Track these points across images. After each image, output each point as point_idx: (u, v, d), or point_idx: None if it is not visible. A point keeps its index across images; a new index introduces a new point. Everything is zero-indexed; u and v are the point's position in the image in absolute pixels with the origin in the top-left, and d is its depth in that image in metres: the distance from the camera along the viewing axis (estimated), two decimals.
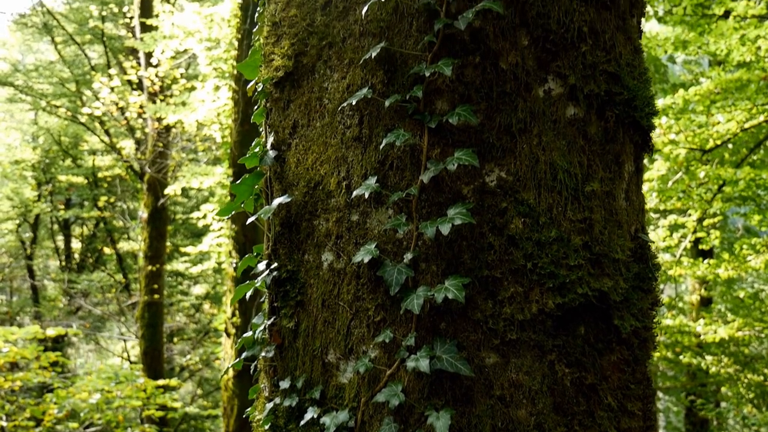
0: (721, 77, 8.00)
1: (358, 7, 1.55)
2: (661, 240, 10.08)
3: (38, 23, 18.44)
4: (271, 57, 1.70)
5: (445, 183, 1.46)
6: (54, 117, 18.77)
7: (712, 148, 8.42)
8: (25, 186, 20.57)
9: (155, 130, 12.68)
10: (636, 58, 1.63)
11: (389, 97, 1.47)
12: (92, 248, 20.48)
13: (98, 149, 18.49)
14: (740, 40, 7.49)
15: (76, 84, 17.25)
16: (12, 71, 18.92)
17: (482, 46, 1.48)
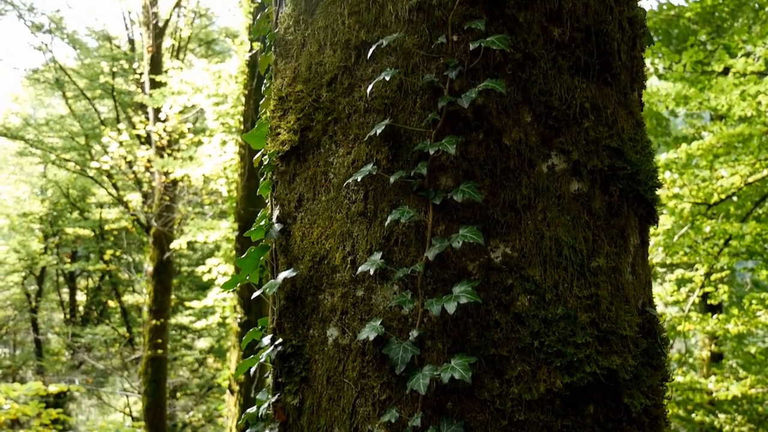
0: (723, 132, 8.06)
1: (363, 85, 1.57)
2: (668, 294, 10.00)
3: (50, 79, 18.81)
4: (277, 131, 1.72)
5: (450, 259, 1.46)
6: (63, 170, 18.97)
7: (716, 203, 8.42)
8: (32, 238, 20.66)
9: (162, 184, 12.78)
10: (638, 132, 1.64)
11: (394, 174, 1.48)
12: (97, 301, 20.43)
13: (105, 202, 18.63)
14: (741, 96, 7.56)
15: (86, 138, 17.50)
16: (23, 125, 19.22)
17: (485, 123, 1.49)
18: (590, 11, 1.58)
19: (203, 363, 18.84)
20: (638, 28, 1.68)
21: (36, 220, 20.29)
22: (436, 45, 1.51)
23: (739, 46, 7.14)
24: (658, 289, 10.95)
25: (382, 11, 1.57)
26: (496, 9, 1.52)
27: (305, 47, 1.69)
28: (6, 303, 21.98)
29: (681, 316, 9.63)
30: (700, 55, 6.96)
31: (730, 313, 9.31)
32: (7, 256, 20.30)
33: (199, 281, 17.57)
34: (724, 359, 11.80)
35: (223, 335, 17.23)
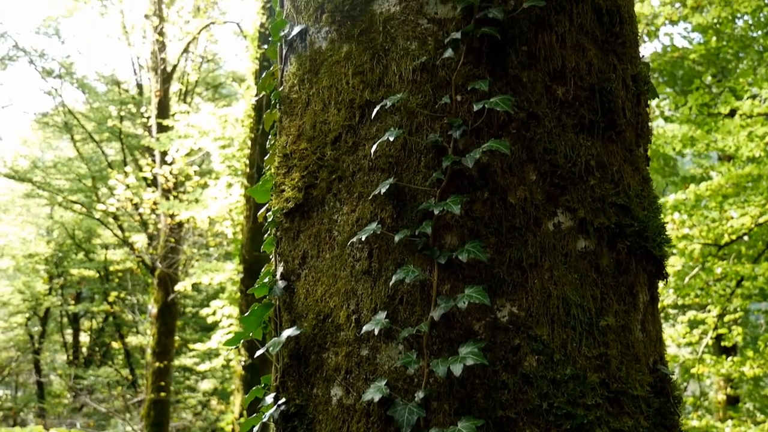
0: (732, 172, 8.05)
1: (368, 143, 1.58)
2: (681, 336, 9.87)
3: (59, 122, 19.03)
4: (281, 187, 1.72)
5: (456, 318, 1.44)
6: (69, 212, 19.06)
7: (727, 243, 8.37)
8: (37, 279, 20.66)
9: (168, 226, 12.82)
10: (645, 188, 1.63)
11: (399, 232, 1.48)
12: (100, 342, 20.31)
13: (111, 243, 18.67)
14: (748, 137, 7.58)
15: (93, 180, 17.62)
16: (31, 168, 19.39)
17: (490, 181, 1.49)
18: (593, 70, 1.59)
19: (207, 405, 18.62)
20: (642, 85, 1.69)
21: (41, 261, 20.33)
22: (440, 105, 1.52)
23: (744, 89, 7.18)
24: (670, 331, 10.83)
25: (386, 71, 1.59)
26: (499, 69, 1.53)
27: (310, 106, 1.70)
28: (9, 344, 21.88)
29: (695, 359, 9.49)
30: (706, 98, 7.00)
31: (745, 355, 9.17)
32: (11, 297, 20.28)
33: (203, 322, 17.49)
34: (740, 402, 11.59)
35: (227, 377, 17.07)
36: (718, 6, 8.30)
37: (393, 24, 1.60)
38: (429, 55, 1.56)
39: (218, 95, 18.61)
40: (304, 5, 1.78)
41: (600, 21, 1.63)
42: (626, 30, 1.68)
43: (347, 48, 1.65)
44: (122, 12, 16.77)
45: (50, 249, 20.31)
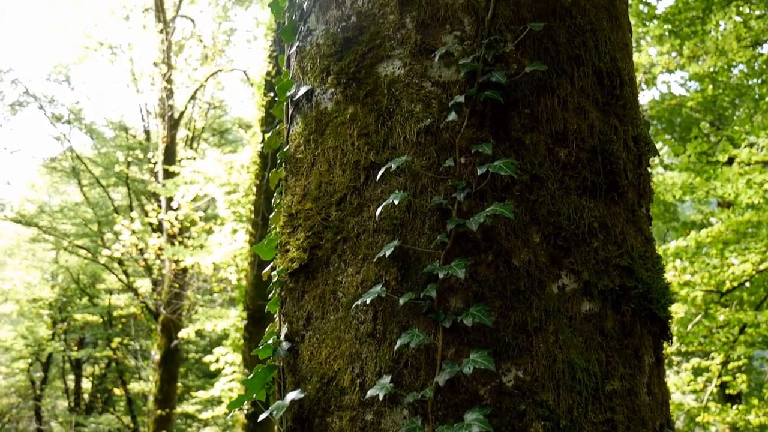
0: (732, 219, 8.07)
1: (372, 205, 1.59)
2: (685, 384, 9.75)
3: (67, 167, 19.21)
4: (286, 247, 1.73)
5: (461, 383, 1.43)
6: (75, 256, 19.09)
7: (729, 290, 8.33)
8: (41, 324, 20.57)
9: (172, 271, 12.82)
10: (648, 249, 1.64)
11: (403, 296, 1.48)
12: (102, 389, 20.10)
13: (115, 288, 18.63)
14: (747, 184, 7.62)
15: (99, 225, 17.69)
16: (38, 212, 19.50)
17: (494, 244, 1.50)
18: (595, 132, 1.61)
19: None
20: (643, 146, 1.71)
21: (45, 305, 20.27)
22: (444, 167, 1.54)
23: (742, 137, 7.25)
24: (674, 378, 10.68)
25: (390, 133, 1.61)
26: (502, 132, 1.55)
27: (315, 166, 1.72)
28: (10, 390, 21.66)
29: (700, 407, 9.36)
30: (704, 147, 7.07)
31: (750, 402, 9.03)
32: (14, 343, 20.16)
33: (206, 369, 17.32)
34: None
35: (229, 425, 16.81)
36: (714, 56, 8.43)
37: (398, 87, 1.63)
38: (433, 117, 1.58)
39: (224, 141, 18.81)
40: (310, 66, 1.82)
41: (601, 84, 1.66)
42: (626, 92, 1.71)
43: (352, 109, 1.68)
44: (131, 60, 17.10)
45: (54, 294, 20.28)
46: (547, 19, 1.63)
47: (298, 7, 1.90)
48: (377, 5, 1.69)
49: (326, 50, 1.76)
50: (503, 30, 1.61)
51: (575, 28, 1.66)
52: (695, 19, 9.24)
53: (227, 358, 10.84)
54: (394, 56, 1.65)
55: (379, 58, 1.66)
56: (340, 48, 1.73)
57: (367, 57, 1.68)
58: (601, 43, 1.68)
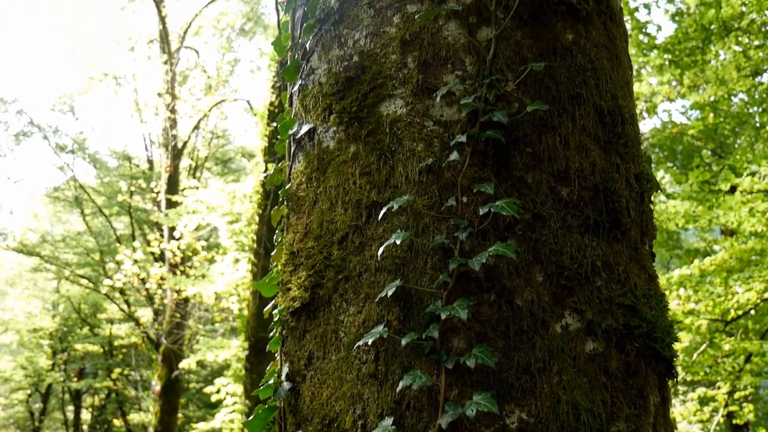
0: (735, 247, 8.05)
1: (374, 244, 1.58)
2: (692, 414, 9.64)
3: (70, 197, 19.26)
4: (288, 285, 1.73)
5: (465, 425, 1.41)
6: (76, 286, 19.06)
7: (733, 319, 8.28)
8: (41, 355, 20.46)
9: (174, 301, 12.78)
10: (651, 287, 1.63)
11: (405, 336, 1.47)
12: (102, 420, 19.90)
13: (116, 318, 18.56)
14: (750, 213, 7.62)
15: (101, 254, 17.69)
16: (40, 242, 19.51)
17: (497, 283, 1.49)
18: (597, 170, 1.61)
19: None
20: (645, 183, 1.71)
21: (46, 335, 20.19)
22: (446, 207, 1.54)
23: (744, 166, 7.26)
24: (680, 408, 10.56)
25: (392, 172, 1.61)
26: (504, 171, 1.56)
27: (317, 204, 1.72)
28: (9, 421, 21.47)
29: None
30: (706, 175, 7.09)
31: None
32: (13, 373, 20.04)
33: (207, 399, 17.17)
34: None
35: None
36: (714, 85, 8.48)
37: (399, 126, 1.64)
38: (435, 156, 1.58)
39: (227, 170, 18.89)
40: (313, 105, 1.83)
41: (602, 122, 1.67)
42: (628, 130, 1.71)
43: (354, 148, 1.68)
44: (136, 90, 17.25)
45: (55, 323, 20.21)
46: (547, 59, 1.65)
47: (300, 47, 1.92)
48: (379, 45, 1.71)
49: (328, 89, 1.77)
50: (504, 69, 1.62)
51: (576, 67, 1.67)
52: (695, 49, 9.32)
53: (228, 388, 10.75)
54: (396, 95, 1.66)
55: (381, 97, 1.67)
56: (342, 87, 1.74)
57: (369, 96, 1.69)
58: (601, 81, 1.69)
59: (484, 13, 1.66)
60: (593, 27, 1.74)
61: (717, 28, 9.09)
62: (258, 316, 9.34)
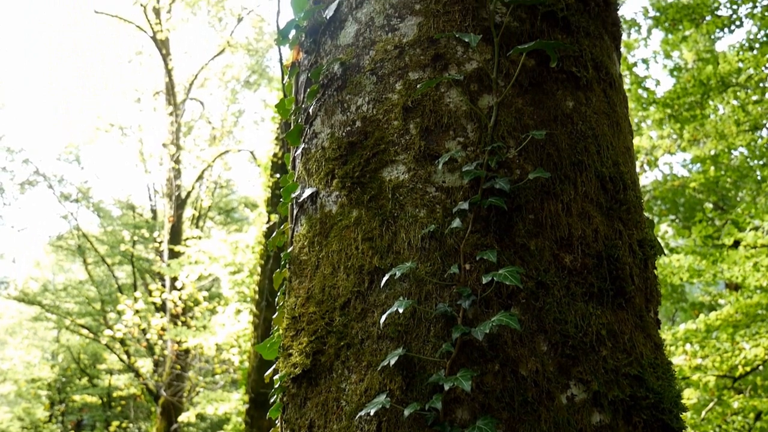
0: (741, 302, 7.99)
1: (377, 310, 1.57)
2: None
3: (72, 246, 19.28)
4: (289, 351, 1.71)
5: None
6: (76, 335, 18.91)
7: (741, 375, 8.15)
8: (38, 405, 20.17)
9: (174, 352, 12.65)
10: (658, 356, 1.60)
11: (408, 406, 1.44)
12: None
13: (116, 369, 18.35)
14: (754, 267, 7.58)
15: (102, 303, 17.62)
16: (42, 291, 19.45)
17: (501, 353, 1.47)
18: (600, 236, 1.61)
19: None
20: (649, 249, 1.70)
21: (44, 386, 19.94)
22: (448, 274, 1.53)
23: (746, 221, 7.26)
24: None
25: (395, 238, 1.61)
26: (507, 238, 1.55)
27: (319, 269, 1.71)
28: None
29: None
30: (709, 230, 7.08)
31: None
32: (10, 425, 19.71)
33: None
34: None
35: None
36: (714, 139, 8.56)
37: (402, 191, 1.64)
38: (437, 223, 1.58)
39: (230, 219, 18.94)
40: (315, 169, 1.84)
41: (604, 188, 1.67)
42: (630, 196, 1.72)
43: (357, 213, 1.69)
44: (141, 140, 17.44)
45: (54, 374, 19.99)
46: (548, 126, 1.66)
47: (304, 111, 1.94)
48: (381, 111, 1.73)
49: (331, 153, 1.78)
50: (506, 136, 1.63)
51: (577, 134, 1.68)
52: (694, 104, 9.43)
53: None
54: (399, 161, 1.67)
55: (384, 162, 1.68)
56: (345, 152, 1.75)
57: (371, 161, 1.70)
58: (603, 148, 1.70)
59: (485, 81, 1.68)
60: (593, 94, 1.76)
61: (715, 83, 9.22)
62: (259, 369, 9.23)
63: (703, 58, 10.20)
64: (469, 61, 1.70)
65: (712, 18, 9.18)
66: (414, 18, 1.77)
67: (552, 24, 1.77)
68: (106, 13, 16.17)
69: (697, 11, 9.17)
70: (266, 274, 9.66)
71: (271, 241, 2.00)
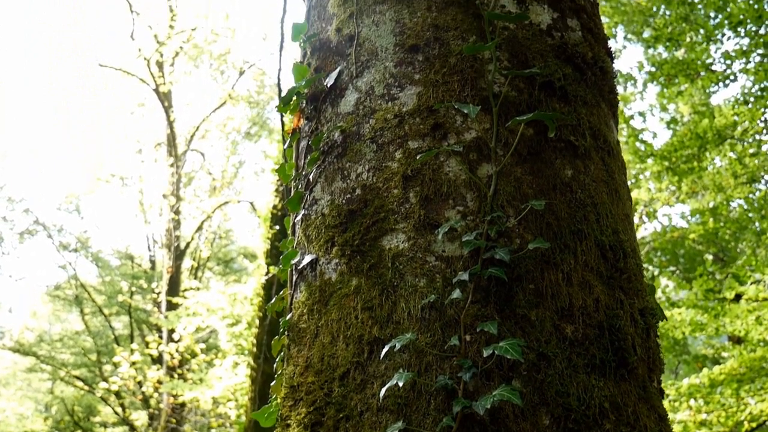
0: (744, 356, 7.91)
1: (376, 381, 1.55)
2: None
3: (70, 296, 19.17)
4: (287, 421, 1.68)
5: None
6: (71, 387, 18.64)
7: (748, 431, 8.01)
8: None
9: (170, 405, 12.45)
10: (662, 427, 1.58)
11: None
12: None
13: (110, 422, 18.03)
14: (756, 321, 7.53)
15: (98, 355, 17.42)
16: (37, 341, 19.25)
17: (503, 427, 1.44)
18: (601, 306, 1.60)
19: None
20: (650, 318, 1.69)
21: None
22: (449, 346, 1.51)
23: (747, 275, 7.25)
24: None
25: (395, 308, 1.60)
26: (507, 309, 1.54)
27: (318, 337, 1.70)
28: None
29: None
30: (710, 284, 7.06)
31: None
32: None
33: None
34: None
35: None
36: (712, 192, 8.61)
37: (402, 260, 1.64)
38: (437, 293, 1.57)
39: (229, 270, 18.88)
40: (315, 235, 1.84)
41: (604, 257, 1.67)
42: (630, 264, 1.71)
43: (356, 282, 1.68)
44: (141, 191, 17.52)
45: (47, 426, 19.61)
46: (548, 195, 1.67)
47: (304, 177, 1.96)
48: (381, 179, 1.74)
49: (331, 221, 1.79)
50: (505, 206, 1.64)
51: (576, 203, 1.69)
52: (691, 157, 9.51)
53: None
54: (398, 230, 1.67)
55: (384, 231, 1.68)
56: (344, 219, 1.76)
57: (371, 230, 1.70)
58: (602, 216, 1.71)
59: (484, 150, 1.70)
60: (592, 162, 1.78)
61: (711, 136, 9.32)
62: (256, 423, 9.06)
63: (698, 112, 10.34)
64: (468, 131, 1.72)
65: (707, 73, 9.34)
66: (413, 87, 1.80)
67: (550, 93, 1.79)
68: (110, 66, 16.45)
69: (691, 66, 9.34)
70: (264, 326, 9.58)
71: (270, 307, 1.99)
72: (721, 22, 8.81)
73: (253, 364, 9.68)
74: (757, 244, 9.70)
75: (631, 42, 11.97)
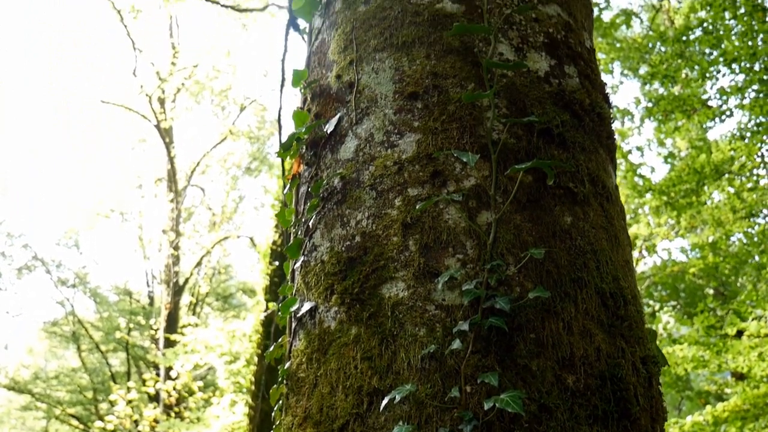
0: (748, 392, 7.83)
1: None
2: None
3: (67, 332, 19.03)
4: None
5: None
6: (66, 425, 18.39)
7: None
8: None
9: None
10: None
11: None
12: None
13: None
14: (759, 357, 7.48)
15: (94, 392, 17.22)
16: (33, 378, 19.05)
17: None
18: (602, 356, 1.59)
19: None
20: (652, 366, 1.67)
21: None
22: (449, 397, 1.49)
23: (748, 310, 7.22)
24: None
25: (394, 358, 1.58)
26: (508, 359, 1.53)
27: (317, 387, 1.68)
28: None
29: None
30: (711, 320, 7.03)
31: None
32: None
33: None
34: None
35: None
36: (711, 226, 8.62)
37: (401, 309, 1.63)
38: (438, 343, 1.56)
39: (228, 305, 18.78)
40: (315, 282, 1.83)
41: (605, 305, 1.66)
42: (631, 311, 1.70)
43: (356, 331, 1.66)
44: (141, 226, 17.52)
45: None
46: (547, 242, 1.67)
47: (303, 223, 1.95)
48: (381, 227, 1.74)
49: (330, 268, 1.78)
50: (505, 254, 1.64)
51: (576, 250, 1.69)
52: (690, 191, 9.54)
53: None
54: (398, 278, 1.66)
55: (383, 279, 1.67)
56: (344, 267, 1.75)
57: (371, 278, 1.69)
58: (602, 263, 1.70)
59: (483, 198, 1.70)
60: (591, 209, 1.78)
61: (709, 171, 9.36)
62: None
63: (696, 147, 10.41)
64: (468, 178, 1.72)
65: (703, 109, 9.42)
66: (413, 135, 1.81)
67: (548, 140, 1.80)
68: (112, 102, 16.58)
69: (688, 102, 9.42)
70: (263, 364, 9.49)
71: (268, 354, 1.97)
72: (716, 59, 8.92)
73: (252, 402, 9.58)
74: (758, 279, 9.68)
75: (627, 77, 12.11)
